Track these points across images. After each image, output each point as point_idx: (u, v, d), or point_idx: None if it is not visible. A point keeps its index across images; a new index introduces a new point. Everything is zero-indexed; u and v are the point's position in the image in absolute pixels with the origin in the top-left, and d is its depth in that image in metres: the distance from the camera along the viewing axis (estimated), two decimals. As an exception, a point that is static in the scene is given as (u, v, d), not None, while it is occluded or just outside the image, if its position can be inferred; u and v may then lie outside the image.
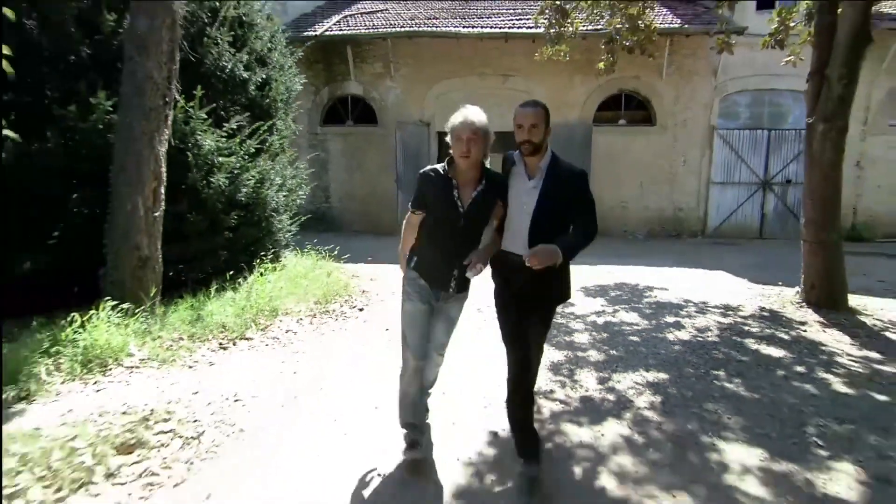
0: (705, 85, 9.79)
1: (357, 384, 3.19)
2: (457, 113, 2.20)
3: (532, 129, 2.12)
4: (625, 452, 2.40)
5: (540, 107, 2.18)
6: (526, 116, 2.14)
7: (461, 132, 2.12)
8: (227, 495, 2.07)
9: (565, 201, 2.17)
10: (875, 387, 3.13)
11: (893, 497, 2.07)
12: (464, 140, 2.11)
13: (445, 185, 2.20)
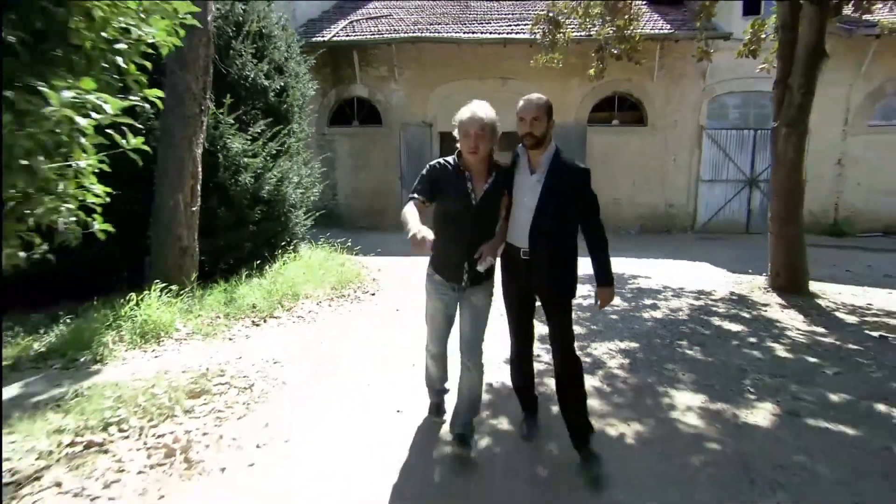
0: (694, 87, 10.40)
1: (374, 350, 3.81)
2: (464, 108, 2.22)
3: (534, 121, 2.17)
4: (595, 398, 3.01)
5: (542, 100, 2.22)
6: (528, 109, 2.19)
7: (469, 128, 2.14)
8: (280, 424, 2.70)
9: (567, 197, 2.20)
10: (810, 352, 3.76)
11: (797, 425, 2.69)
12: (472, 136, 2.13)
13: (458, 178, 2.23)
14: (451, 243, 2.26)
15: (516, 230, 2.30)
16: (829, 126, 10.30)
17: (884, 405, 2.91)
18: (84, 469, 2.26)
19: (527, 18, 9.80)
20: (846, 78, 10.02)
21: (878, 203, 10.41)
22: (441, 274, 2.35)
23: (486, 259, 2.23)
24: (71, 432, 2.53)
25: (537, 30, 7.02)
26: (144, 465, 2.31)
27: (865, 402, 2.95)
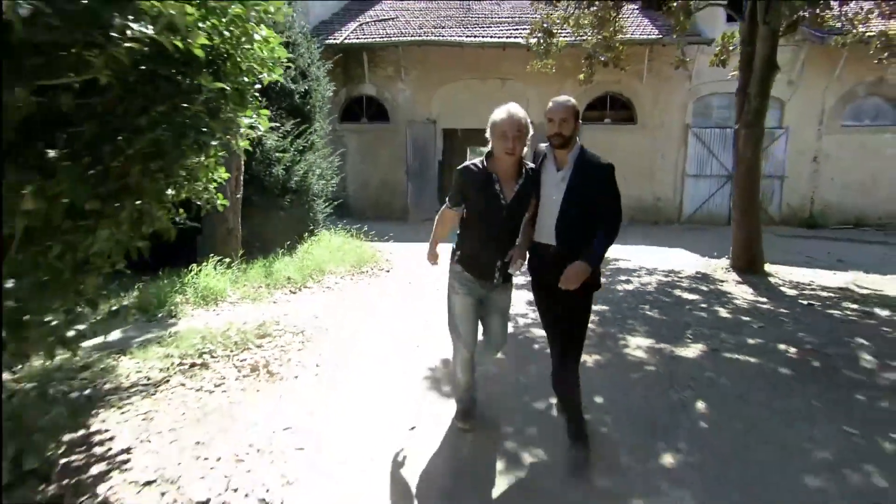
0: (680, 88, 11.33)
1: (393, 308, 4.77)
2: (499, 109, 2.30)
3: (562, 122, 2.29)
4: (567, 341, 3.96)
5: (570, 102, 2.34)
6: (557, 111, 2.30)
7: (507, 129, 2.21)
8: (329, 355, 3.65)
9: (592, 193, 2.30)
10: (746, 314, 4.72)
11: (716, 357, 3.65)
12: (510, 137, 2.21)
13: (487, 180, 2.32)
14: (484, 243, 2.39)
15: (543, 228, 2.40)
16: (805, 126, 11.26)
17: (783, 345, 3.88)
18: (196, 379, 3.21)
19: (525, 22, 10.73)
20: (821, 82, 10.96)
21: (850, 198, 11.37)
22: (472, 272, 2.44)
23: (516, 262, 2.37)
24: (177, 357, 3.49)
25: (533, 39, 7.94)
26: (237, 376, 3.26)
27: (772, 344, 3.91)
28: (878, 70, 9.87)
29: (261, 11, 2.33)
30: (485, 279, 2.43)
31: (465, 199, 2.40)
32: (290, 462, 2.33)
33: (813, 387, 3.19)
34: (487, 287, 2.46)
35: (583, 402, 2.48)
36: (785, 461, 2.39)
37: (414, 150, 11.49)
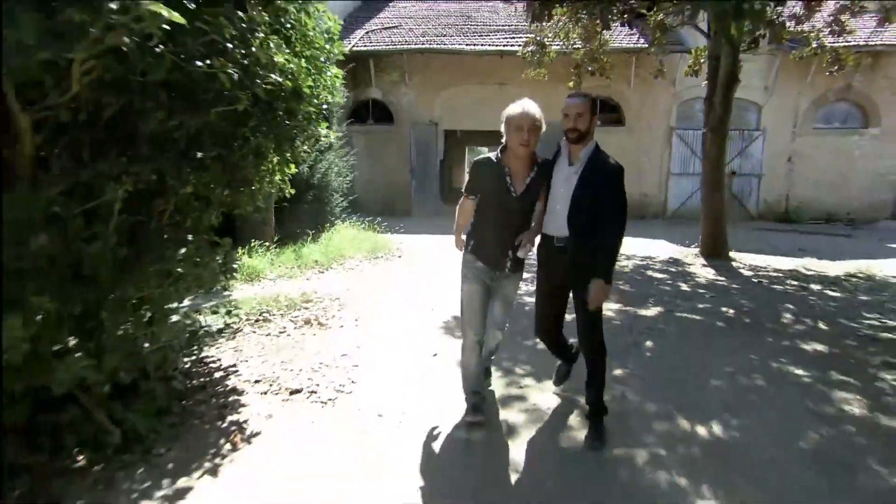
0: (665, 93, 12.39)
1: (407, 285, 5.78)
2: (514, 104, 2.42)
3: (578, 117, 2.41)
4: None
5: (587, 98, 2.46)
6: (573, 106, 2.43)
7: (523, 123, 2.34)
8: (364, 313, 4.66)
9: (599, 191, 2.41)
10: (704, 288, 5.77)
11: (669, 316, 4.69)
12: (525, 130, 2.34)
13: (499, 173, 2.45)
14: (495, 233, 2.54)
15: (552, 220, 2.52)
16: (780, 129, 12.36)
17: (725, 308, 4.93)
18: (263, 329, 4.23)
19: (521, 31, 11.75)
20: (794, 88, 12.05)
21: (822, 195, 12.46)
22: (483, 261, 2.59)
23: (525, 246, 2.48)
24: (243, 315, 4.50)
25: (527, 51, 8.97)
26: (295, 327, 4.28)
27: (717, 308, 4.96)
28: (847, 78, 10.97)
29: (329, 53, 3.36)
30: (496, 268, 2.58)
31: (479, 190, 2.59)
32: (351, 372, 3.35)
33: (738, 334, 4.24)
34: (497, 275, 2.60)
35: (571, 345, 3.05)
36: (700, 374, 3.42)
37: (417, 150, 12.52)
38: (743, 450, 2.53)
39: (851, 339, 4.15)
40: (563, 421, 2.81)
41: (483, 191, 2.58)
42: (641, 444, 2.56)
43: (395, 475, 2.28)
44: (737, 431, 2.70)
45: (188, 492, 2.16)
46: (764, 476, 2.31)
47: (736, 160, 12.57)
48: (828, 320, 4.65)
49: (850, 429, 2.74)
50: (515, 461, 2.42)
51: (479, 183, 2.58)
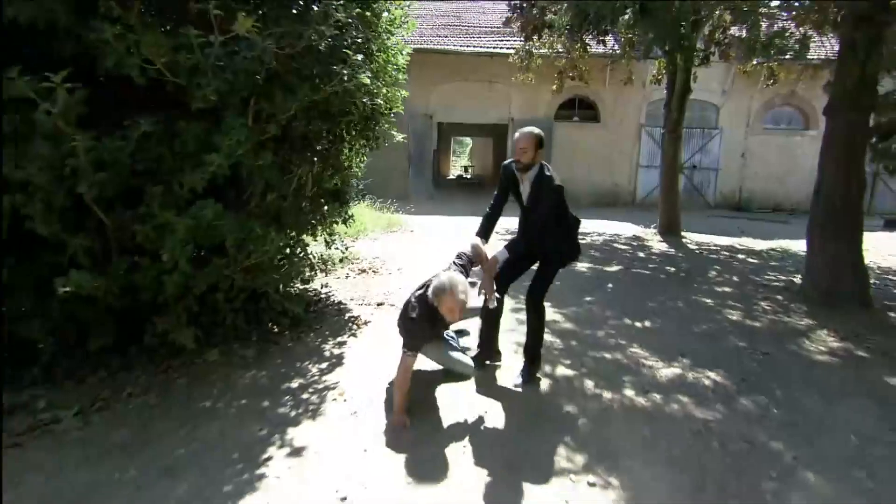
0: (636, 93, 14.31)
1: (426, 248, 7.53)
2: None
3: (522, 152, 2.91)
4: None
5: (532, 134, 2.90)
6: (519, 141, 2.92)
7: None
8: (404, 265, 6.40)
9: (543, 209, 3.02)
10: (655, 255, 7.69)
11: (627, 272, 6.57)
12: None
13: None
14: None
15: (518, 226, 3.32)
16: (735, 128, 14.46)
17: (669, 267, 6.84)
18: (332, 274, 5.92)
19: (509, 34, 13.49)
20: (747, 92, 14.13)
21: (770, 187, 14.64)
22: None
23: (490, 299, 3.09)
24: (311, 266, 6.19)
25: (516, 58, 10.73)
26: (355, 274, 5.99)
27: (662, 268, 6.87)
28: (791, 85, 13.06)
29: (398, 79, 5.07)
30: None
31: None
32: (410, 297, 5.10)
33: (674, 282, 6.14)
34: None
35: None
36: (641, 300, 5.29)
37: (414, 140, 14.20)
38: (660, 332, 4.40)
39: (750, 286, 6.10)
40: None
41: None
42: (603, 328, 4.40)
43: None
44: (658, 324, 4.57)
45: (343, 345, 3.91)
46: (670, 342, 4.17)
47: (697, 156, 14.66)
48: (740, 276, 6.60)
49: (725, 324, 4.65)
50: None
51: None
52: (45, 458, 2.49)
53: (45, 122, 2.53)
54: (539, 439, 2.76)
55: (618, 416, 3.03)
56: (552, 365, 3.68)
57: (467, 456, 2.58)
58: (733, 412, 3.10)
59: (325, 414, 2.94)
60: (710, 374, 3.60)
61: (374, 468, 2.46)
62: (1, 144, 2.55)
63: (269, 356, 3.68)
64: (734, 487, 2.40)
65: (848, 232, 5.34)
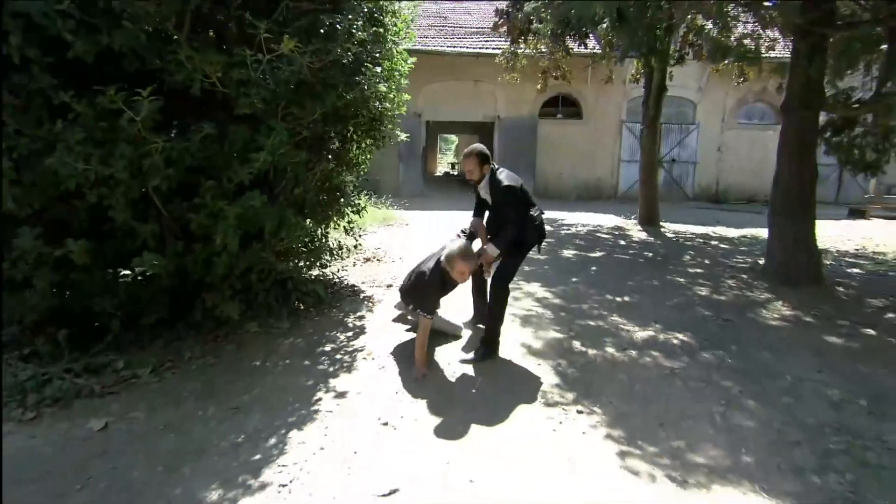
0: (617, 91, 15.07)
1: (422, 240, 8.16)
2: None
3: (469, 172, 3.66)
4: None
5: (473, 152, 3.61)
6: (465, 163, 3.68)
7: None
8: (403, 254, 7.03)
9: (497, 207, 3.74)
10: (635, 243, 8.42)
11: (609, 257, 7.27)
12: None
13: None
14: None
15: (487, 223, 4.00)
16: (711, 123, 15.31)
17: (647, 253, 7.56)
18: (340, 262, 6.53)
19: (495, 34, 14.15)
20: (722, 89, 14.97)
21: (746, 180, 15.52)
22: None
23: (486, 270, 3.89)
24: (320, 256, 6.79)
25: (502, 59, 11.40)
26: (362, 262, 6.61)
27: (642, 253, 7.59)
28: (763, 82, 13.91)
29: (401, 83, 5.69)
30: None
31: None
32: (415, 280, 5.73)
33: (651, 265, 6.85)
34: None
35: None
36: (621, 280, 5.98)
37: (404, 137, 14.78)
38: (637, 305, 5.10)
39: (719, 267, 6.84)
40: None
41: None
42: (587, 303, 5.08)
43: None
44: (636, 299, 5.27)
45: (362, 318, 4.54)
46: (645, 312, 4.86)
47: (675, 150, 15.48)
48: (711, 260, 7.34)
49: (695, 298, 5.36)
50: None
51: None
52: (139, 400, 3.10)
53: (128, 128, 3.11)
54: (536, 382, 3.42)
55: (600, 367, 3.70)
56: (545, 330, 4.35)
57: (478, 395, 3.24)
58: (695, 362, 3.80)
59: (358, 369, 3.57)
60: (678, 336, 4.30)
61: (405, 405, 3.11)
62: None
63: (301, 327, 4.29)
64: (691, 411, 3.09)
65: (802, 217, 6.07)
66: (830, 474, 2.47)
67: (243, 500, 2.26)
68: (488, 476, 2.44)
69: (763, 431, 2.88)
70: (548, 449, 2.68)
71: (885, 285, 6.15)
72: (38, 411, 2.96)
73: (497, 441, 2.75)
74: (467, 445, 2.71)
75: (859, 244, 9.06)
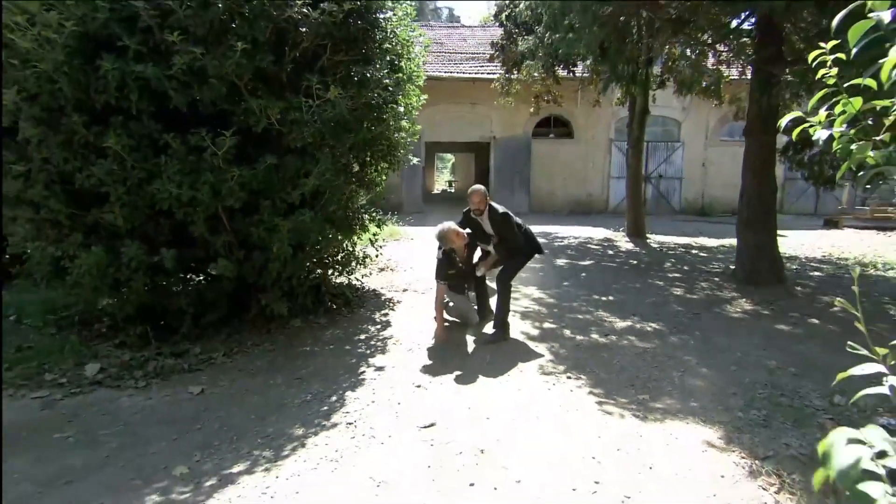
0: (605, 112, 16.16)
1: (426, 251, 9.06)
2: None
3: (479, 203, 4.64)
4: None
5: (480, 191, 4.67)
6: (473, 196, 4.67)
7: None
8: (413, 264, 7.94)
9: (499, 232, 4.74)
10: (622, 252, 9.36)
11: (598, 265, 8.21)
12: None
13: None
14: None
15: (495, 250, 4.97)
16: (696, 140, 16.41)
17: (632, 261, 8.51)
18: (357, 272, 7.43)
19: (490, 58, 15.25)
20: (705, 108, 16.06)
21: (729, 194, 16.46)
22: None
23: (480, 268, 5.02)
24: (339, 267, 7.70)
25: (497, 84, 12.45)
26: (377, 271, 7.51)
27: (627, 261, 8.53)
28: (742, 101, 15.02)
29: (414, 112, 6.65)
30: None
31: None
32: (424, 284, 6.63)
33: (635, 272, 7.79)
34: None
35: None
36: (608, 283, 6.90)
37: (404, 157, 15.78)
38: (619, 302, 6.02)
39: (696, 272, 7.79)
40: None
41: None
42: (576, 301, 6.00)
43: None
44: (620, 298, 6.19)
45: (387, 315, 5.44)
46: (626, 308, 5.78)
47: (662, 166, 16.55)
48: (689, 266, 8.29)
49: (670, 297, 6.29)
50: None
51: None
52: (220, 375, 3.98)
53: (210, 161, 4.04)
54: (535, 357, 4.32)
55: (586, 348, 4.61)
56: (540, 321, 5.27)
57: (492, 365, 4.15)
58: (664, 343, 4.71)
59: (391, 351, 4.47)
60: (652, 325, 5.22)
61: (432, 373, 4.01)
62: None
63: (336, 323, 5.19)
64: (656, 376, 3.99)
65: (764, 227, 7.04)
66: (752, 411, 3.38)
67: (322, 433, 3.14)
68: (499, 415, 3.34)
69: (709, 389, 3.79)
70: (543, 399, 3.58)
71: (838, 285, 7.12)
72: (146, 382, 3.84)
73: (506, 394, 3.65)
74: (483, 396, 3.61)
75: (827, 251, 10.07)
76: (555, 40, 8.19)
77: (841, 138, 1.68)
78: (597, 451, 2.92)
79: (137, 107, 3.78)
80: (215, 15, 3.78)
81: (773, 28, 6.56)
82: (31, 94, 3.61)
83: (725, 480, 2.67)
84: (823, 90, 1.88)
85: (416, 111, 6.49)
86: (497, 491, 2.57)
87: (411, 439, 3.06)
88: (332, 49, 4.62)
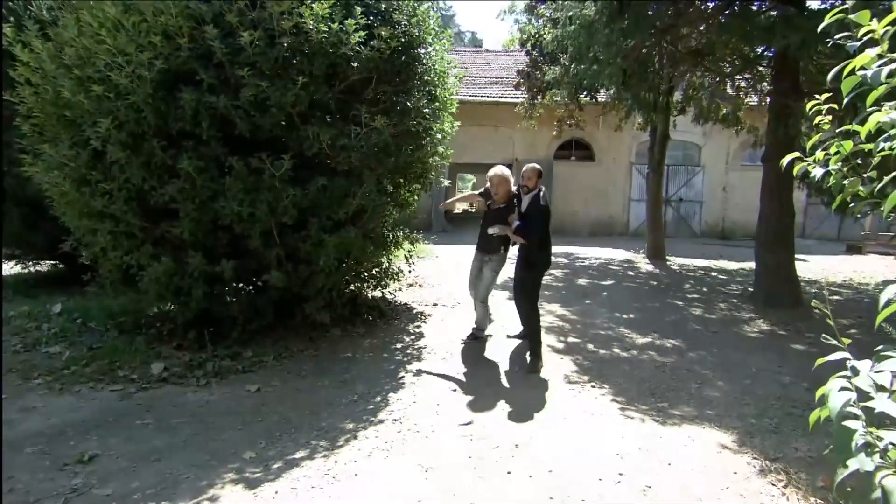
0: (626, 135, 16.51)
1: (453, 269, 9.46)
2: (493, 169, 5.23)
3: (528, 179, 4.84)
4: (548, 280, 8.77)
5: (536, 171, 4.86)
6: (524, 173, 4.91)
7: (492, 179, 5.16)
8: (440, 280, 8.34)
9: (533, 217, 4.75)
10: (642, 273, 9.66)
11: (618, 285, 8.52)
12: (494, 184, 5.02)
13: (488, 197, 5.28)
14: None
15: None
16: (716, 165, 16.68)
17: (652, 282, 8.80)
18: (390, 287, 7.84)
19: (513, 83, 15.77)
20: (726, 133, 16.30)
21: (750, 218, 16.61)
22: (478, 249, 5.52)
23: (495, 229, 4.91)
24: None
25: (521, 108, 12.93)
26: (406, 287, 7.91)
27: (647, 282, 8.83)
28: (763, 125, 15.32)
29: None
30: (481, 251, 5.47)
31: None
32: (453, 300, 7.00)
33: (655, 292, 8.09)
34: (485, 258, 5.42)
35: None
36: (629, 303, 7.21)
37: (428, 177, 16.30)
38: (640, 320, 6.33)
39: (714, 293, 8.06)
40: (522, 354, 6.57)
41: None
42: (599, 318, 6.33)
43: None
44: (640, 316, 6.50)
45: (419, 327, 5.83)
46: (646, 325, 6.09)
47: (683, 189, 16.83)
48: (708, 287, 8.57)
49: (689, 316, 6.59)
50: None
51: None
52: (272, 376, 4.40)
53: (269, 182, 4.49)
54: (561, 369, 4.66)
55: (608, 361, 4.94)
56: (564, 336, 5.63)
57: (520, 375, 4.50)
58: (683, 358, 5.03)
59: (426, 359, 4.86)
60: (671, 341, 5.53)
61: (468, 379, 4.38)
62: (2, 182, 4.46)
63: (373, 333, 5.59)
64: (674, 387, 4.31)
65: (783, 249, 7.32)
66: (764, 419, 3.69)
67: (371, 428, 3.52)
68: (530, 416, 3.69)
69: (724, 399, 4.10)
70: (570, 404, 3.93)
71: (856, 308, 7.35)
72: (207, 380, 4.26)
73: (535, 398, 4.01)
74: (514, 399, 3.98)
75: (848, 276, 10.26)
76: (579, 71, 8.62)
77: (835, 175, 2.07)
78: (620, 449, 3.26)
79: (207, 133, 4.26)
80: (280, 52, 4.28)
81: (789, 61, 6.92)
82: (120, 122, 4.12)
83: (738, 476, 2.99)
84: (818, 134, 2.28)
85: (449, 137, 6.94)
86: (532, 478, 2.92)
87: (452, 434, 3.43)
88: (377, 81, 5.10)
